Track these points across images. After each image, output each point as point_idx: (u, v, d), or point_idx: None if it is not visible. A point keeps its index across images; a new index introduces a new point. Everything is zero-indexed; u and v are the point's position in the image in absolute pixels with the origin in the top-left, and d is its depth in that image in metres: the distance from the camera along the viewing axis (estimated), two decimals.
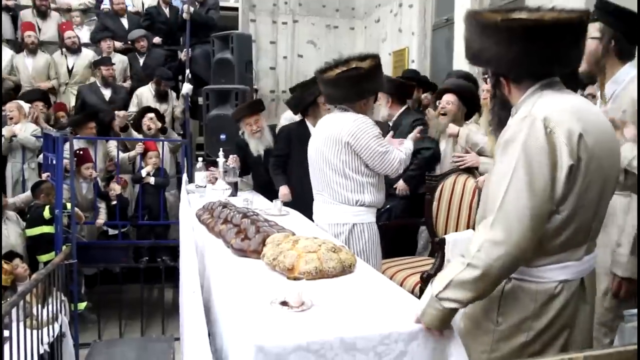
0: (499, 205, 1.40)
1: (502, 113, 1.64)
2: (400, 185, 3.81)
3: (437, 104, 3.86)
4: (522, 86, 1.55)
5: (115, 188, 5.10)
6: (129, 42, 6.48)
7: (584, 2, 3.60)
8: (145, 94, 6.00)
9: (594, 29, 2.10)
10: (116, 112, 5.42)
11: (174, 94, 6.16)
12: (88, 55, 6.34)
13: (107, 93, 5.94)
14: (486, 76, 3.23)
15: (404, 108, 4.04)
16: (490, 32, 1.49)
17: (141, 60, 6.39)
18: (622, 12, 2.09)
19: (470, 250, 1.42)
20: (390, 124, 3.97)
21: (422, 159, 3.77)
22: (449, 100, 3.68)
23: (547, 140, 1.40)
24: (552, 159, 1.40)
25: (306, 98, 3.80)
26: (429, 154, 3.79)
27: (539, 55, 1.47)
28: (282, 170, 3.88)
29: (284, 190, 3.79)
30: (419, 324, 1.49)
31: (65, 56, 6.25)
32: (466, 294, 1.41)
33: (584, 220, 1.49)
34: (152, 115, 5.43)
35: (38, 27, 6.42)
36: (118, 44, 6.49)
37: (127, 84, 6.34)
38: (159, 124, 5.46)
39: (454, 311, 1.45)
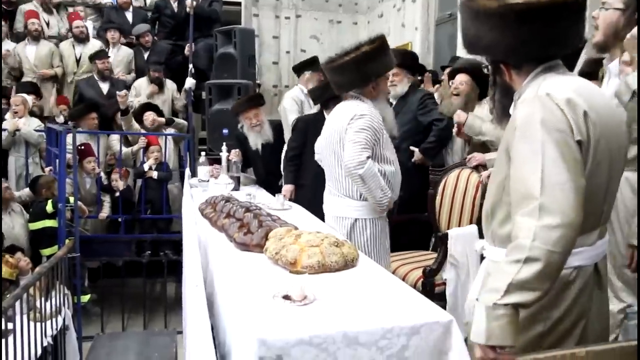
0: (540, 188, 1.31)
1: (504, 100, 1.60)
2: (417, 155, 3.76)
3: (450, 84, 3.74)
4: (523, 71, 1.52)
5: (119, 183, 5.11)
6: (134, 37, 6.48)
7: None
8: (143, 84, 6.00)
9: (617, 0, 2.05)
10: (117, 92, 5.38)
11: (173, 85, 6.12)
12: (95, 46, 6.32)
13: (105, 87, 5.93)
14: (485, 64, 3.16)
15: (409, 84, 3.95)
16: (484, 18, 1.45)
17: (145, 55, 6.39)
18: None
19: (521, 244, 1.30)
20: (394, 102, 3.87)
21: (438, 130, 3.72)
22: (462, 81, 3.57)
23: (562, 114, 1.36)
24: (571, 132, 1.36)
25: (332, 90, 3.74)
26: (444, 124, 3.71)
27: (537, 38, 1.44)
28: (295, 167, 3.78)
29: (288, 188, 3.77)
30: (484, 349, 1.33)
31: (73, 46, 6.24)
32: (530, 295, 1.29)
33: (594, 203, 1.45)
34: (151, 112, 5.42)
35: (44, 20, 6.41)
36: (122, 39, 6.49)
37: (131, 76, 6.33)
38: (161, 120, 5.47)
39: (517, 314, 1.31)
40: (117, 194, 5.09)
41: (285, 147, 4.00)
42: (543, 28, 1.42)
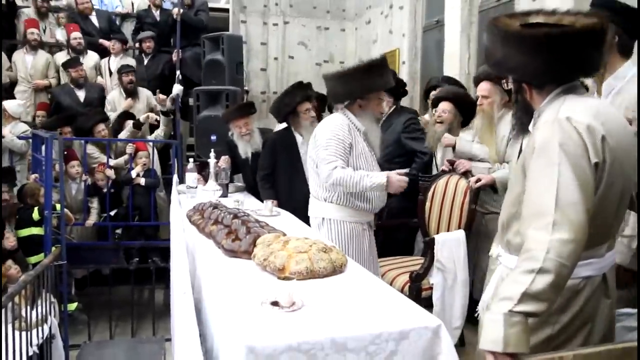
0: (554, 206, 1.38)
1: (524, 117, 1.69)
2: None
3: (433, 112, 3.85)
4: (544, 91, 1.60)
5: (102, 182, 5.07)
6: (137, 43, 6.45)
7: (573, 2, 3.62)
8: (115, 96, 5.92)
9: None
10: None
11: (147, 92, 6.03)
12: (93, 57, 6.28)
13: (81, 94, 5.87)
14: (503, 81, 3.24)
15: (394, 107, 4.05)
16: (515, 41, 1.52)
17: (145, 61, 6.34)
18: (622, 7, 2.12)
19: (535, 256, 1.36)
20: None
21: (422, 162, 3.86)
22: (444, 109, 3.67)
23: (579, 138, 1.43)
24: (587, 156, 1.43)
25: (283, 107, 3.78)
26: (427, 158, 3.86)
27: (565, 63, 1.51)
28: (269, 184, 3.81)
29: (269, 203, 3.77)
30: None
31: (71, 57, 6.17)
32: (541, 306, 1.34)
33: (606, 218, 1.54)
34: (131, 122, 5.40)
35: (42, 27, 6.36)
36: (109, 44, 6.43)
37: (100, 81, 6.26)
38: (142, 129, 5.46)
39: (528, 323, 1.35)
40: (105, 189, 5.04)
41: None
42: (572, 53, 1.49)
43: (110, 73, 6.22)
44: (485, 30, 1.64)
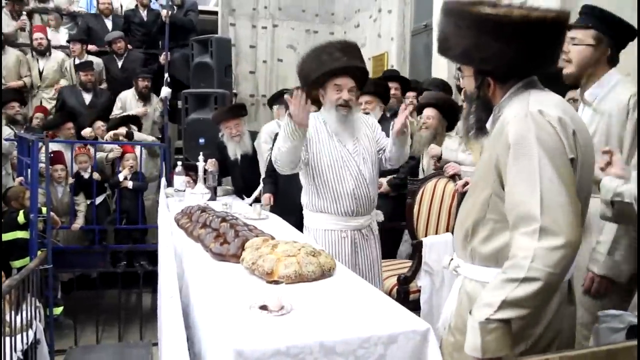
0: (540, 210, 1.31)
1: (482, 114, 1.58)
2: (384, 187, 3.83)
3: (419, 118, 3.88)
4: (506, 85, 1.52)
5: (94, 177, 5.04)
6: (106, 44, 6.40)
7: (559, 2, 3.65)
8: (129, 97, 5.92)
9: (587, 36, 2.12)
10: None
11: (155, 97, 6.06)
12: (57, 57, 6.22)
13: (87, 97, 5.87)
14: (458, 76, 3.23)
15: (382, 113, 4.06)
16: (492, 28, 1.41)
17: (119, 63, 6.30)
18: (614, 19, 2.13)
19: (519, 264, 1.30)
20: None
21: (409, 167, 3.84)
22: (429, 115, 3.71)
23: (555, 132, 1.37)
24: (564, 150, 1.37)
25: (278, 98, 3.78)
26: (414, 163, 3.87)
27: (536, 51, 1.45)
28: (273, 180, 3.77)
29: (267, 197, 3.76)
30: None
31: (37, 59, 6.13)
32: (520, 312, 1.30)
33: None
34: (124, 131, 5.37)
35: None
36: (93, 47, 6.39)
37: (103, 86, 6.25)
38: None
39: (510, 325, 1.33)
40: (87, 175, 5.02)
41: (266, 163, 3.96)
42: (544, 42, 1.44)
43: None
44: (446, 17, 1.52)
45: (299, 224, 2.92)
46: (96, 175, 5.06)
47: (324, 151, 2.62)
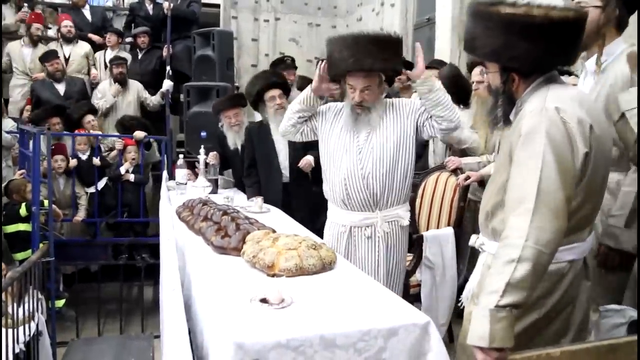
0: (536, 193, 1.40)
1: (506, 107, 1.68)
2: None
3: None
4: (529, 80, 1.61)
5: (94, 162, 5.04)
6: (131, 38, 6.39)
7: None
8: (106, 86, 5.84)
9: None
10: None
11: (138, 84, 5.95)
12: (84, 47, 6.21)
13: (61, 88, 5.79)
14: (480, 70, 3.24)
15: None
16: (519, 27, 1.51)
17: (139, 55, 6.27)
18: None
19: (513, 243, 1.39)
20: None
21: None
22: None
23: (565, 129, 1.46)
24: (572, 147, 1.46)
25: (250, 94, 3.78)
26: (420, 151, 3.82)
27: (554, 50, 1.53)
28: (254, 180, 3.77)
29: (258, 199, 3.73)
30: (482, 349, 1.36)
31: (62, 46, 6.08)
32: (523, 294, 1.36)
33: (591, 204, 1.58)
34: (91, 117, 5.35)
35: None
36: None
37: (93, 74, 6.18)
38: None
39: (514, 316, 1.37)
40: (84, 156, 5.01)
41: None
42: (568, 40, 1.54)
43: (106, 66, 6.14)
44: (474, 18, 1.61)
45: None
46: (96, 161, 5.06)
47: (332, 137, 2.59)
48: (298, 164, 3.54)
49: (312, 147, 3.14)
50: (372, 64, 2.36)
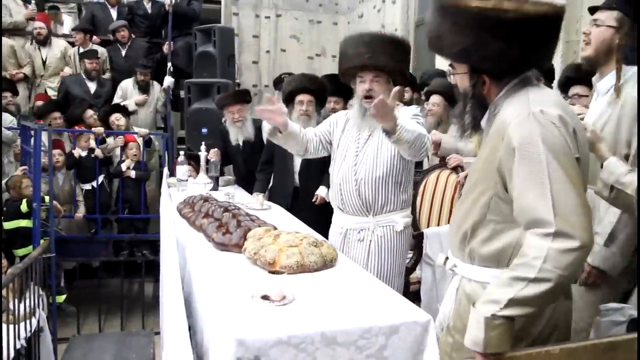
0: (553, 214, 1.29)
1: (476, 112, 1.55)
2: None
3: (425, 105, 3.90)
4: (501, 83, 1.49)
5: (96, 153, 5.05)
6: (110, 33, 6.38)
7: None
8: (129, 86, 5.91)
9: (610, 18, 2.04)
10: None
11: (157, 86, 6.04)
12: (60, 45, 6.18)
13: (92, 86, 5.85)
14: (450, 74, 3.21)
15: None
16: (487, 26, 1.38)
17: (123, 52, 6.27)
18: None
19: (530, 264, 1.29)
20: None
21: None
22: (435, 102, 3.75)
23: (559, 133, 1.34)
24: (570, 149, 1.35)
25: (284, 92, 3.77)
26: None
27: (529, 49, 1.42)
28: (265, 176, 3.80)
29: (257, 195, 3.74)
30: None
31: (39, 48, 6.06)
32: (526, 310, 1.30)
33: None
34: (118, 115, 5.36)
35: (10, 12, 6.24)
36: (95, 38, 6.34)
37: (107, 76, 6.23)
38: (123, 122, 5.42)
39: (514, 322, 1.32)
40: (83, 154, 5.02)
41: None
42: (545, 38, 1.42)
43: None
44: (440, 13, 1.46)
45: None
46: (98, 152, 5.07)
47: (339, 140, 2.61)
48: (309, 173, 3.51)
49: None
50: (387, 61, 2.41)
